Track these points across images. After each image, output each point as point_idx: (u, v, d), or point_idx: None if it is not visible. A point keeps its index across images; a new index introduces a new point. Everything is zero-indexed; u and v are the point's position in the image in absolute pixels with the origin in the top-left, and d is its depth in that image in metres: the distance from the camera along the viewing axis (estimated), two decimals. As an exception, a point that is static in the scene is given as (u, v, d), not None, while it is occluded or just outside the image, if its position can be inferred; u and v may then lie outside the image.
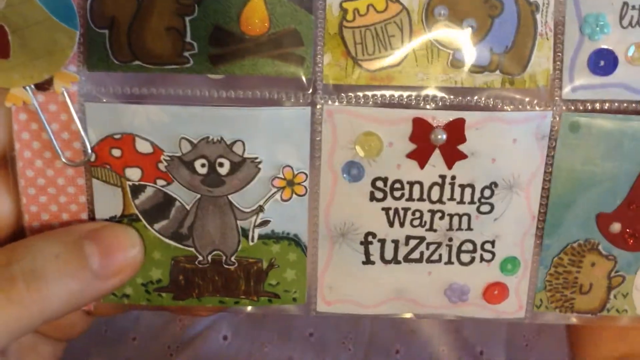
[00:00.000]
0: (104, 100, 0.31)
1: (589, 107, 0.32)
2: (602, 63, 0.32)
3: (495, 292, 0.35)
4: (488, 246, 0.34)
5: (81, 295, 0.30)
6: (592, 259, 0.35)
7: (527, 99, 0.32)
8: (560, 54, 0.31)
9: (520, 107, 0.32)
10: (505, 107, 0.32)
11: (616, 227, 0.34)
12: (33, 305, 0.28)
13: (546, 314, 0.36)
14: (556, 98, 0.32)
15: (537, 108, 0.32)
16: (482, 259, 0.34)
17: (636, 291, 0.36)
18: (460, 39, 0.31)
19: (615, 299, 0.36)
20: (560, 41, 0.31)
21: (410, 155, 0.32)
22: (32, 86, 0.30)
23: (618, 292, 0.36)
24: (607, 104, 0.32)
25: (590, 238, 0.34)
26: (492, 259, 0.34)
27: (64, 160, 0.31)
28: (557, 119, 0.32)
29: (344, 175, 0.32)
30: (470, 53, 0.31)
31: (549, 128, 0.32)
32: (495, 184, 0.33)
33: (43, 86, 0.30)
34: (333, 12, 0.31)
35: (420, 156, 0.32)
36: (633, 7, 0.31)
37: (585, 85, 0.32)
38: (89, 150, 0.31)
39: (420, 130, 0.31)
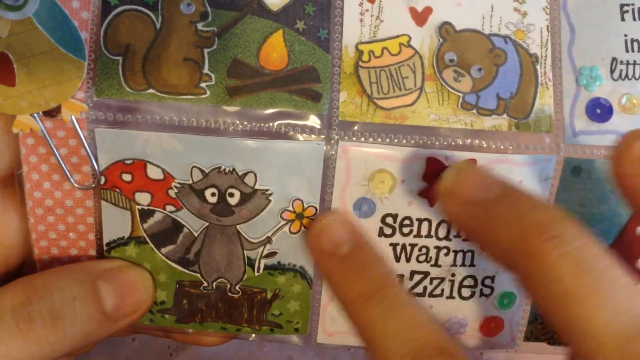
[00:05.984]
0: (113, 126, 0.30)
1: (588, 152, 0.33)
2: (598, 111, 0.33)
3: (491, 325, 0.36)
4: (488, 281, 0.35)
5: (92, 336, 0.30)
6: (582, 294, 0.36)
7: (532, 144, 0.33)
8: (559, 103, 0.33)
9: (526, 150, 0.33)
10: (513, 151, 0.33)
11: (605, 265, 0.36)
12: (47, 346, 0.29)
13: (535, 345, 0.37)
14: (559, 143, 0.33)
15: (541, 152, 0.33)
16: (481, 293, 0.35)
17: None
18: (469, 83, 0.32)
19: (599, 332, 0.37)
20: (559, 91, 0.33)
21: (421, 194, 0.32)
22: (40, 112, 0.29)
23: (602, 325, 0.37)
24: (606, 150, 0.33)
25: (581, 275, 0.36)
26: (491, 293, 0.35)
27: (73, 183, 0.31)
28: (560, 163, 0.33)
29: (355, 211, 0.33)
30: (478, 96, 0.32)
31: (552, 171, 0.33)
32: (500, 223, 0.34)
33: (51, 112, 0.30)
34: (349, 53, 0.31)
35: (432, 195, 0.32)
36: (621, 62, 0.34)
37: (586, 131, 0.33)
38: (99, 175, 0.31)
39: (433, 170, 0.32)
